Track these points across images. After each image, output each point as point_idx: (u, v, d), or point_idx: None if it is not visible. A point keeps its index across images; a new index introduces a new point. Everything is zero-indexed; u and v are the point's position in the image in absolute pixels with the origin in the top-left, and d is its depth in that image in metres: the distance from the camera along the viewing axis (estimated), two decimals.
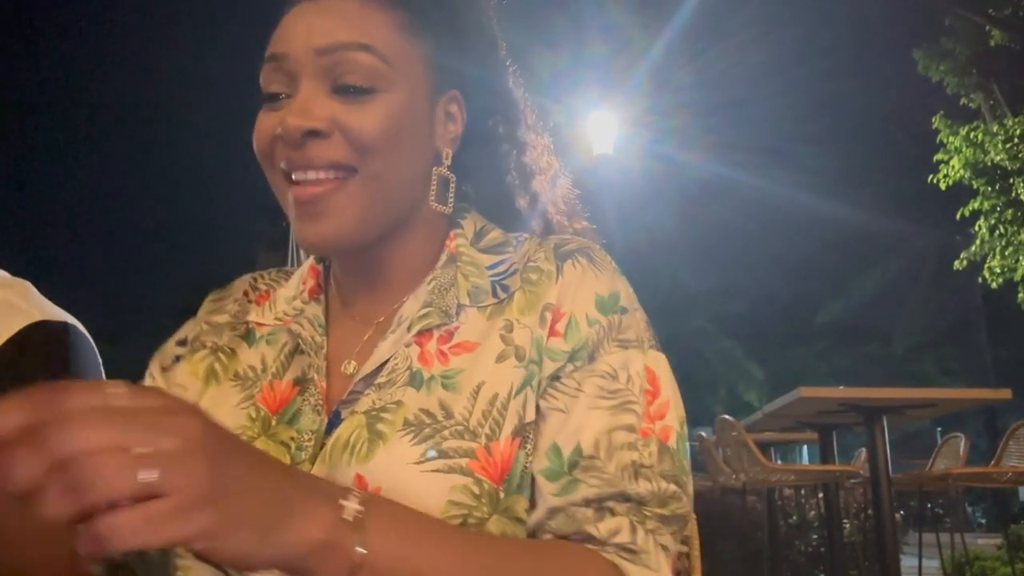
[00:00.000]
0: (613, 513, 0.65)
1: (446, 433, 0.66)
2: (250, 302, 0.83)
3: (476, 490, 0.64)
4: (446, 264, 0.76)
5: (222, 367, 0.78)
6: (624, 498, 0.65)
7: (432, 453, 0.65)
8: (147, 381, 0.80)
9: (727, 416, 4.06)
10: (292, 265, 1.21)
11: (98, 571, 0.70)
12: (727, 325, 18.60)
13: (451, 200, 0.76)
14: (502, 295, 0.73)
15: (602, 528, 0.64)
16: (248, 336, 0.80)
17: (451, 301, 0.73)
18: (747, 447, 3.78)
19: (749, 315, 18.76)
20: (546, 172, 0.86)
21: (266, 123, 0.71)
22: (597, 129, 9.08)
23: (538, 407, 0.69)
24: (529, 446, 0.68)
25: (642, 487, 0.66)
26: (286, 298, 0.80)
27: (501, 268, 0.75)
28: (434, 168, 0.75)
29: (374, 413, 0.68)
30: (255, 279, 0.86)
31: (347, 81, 0.69)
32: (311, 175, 0.68)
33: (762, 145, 17.61)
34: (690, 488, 0.70)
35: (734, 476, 4.00)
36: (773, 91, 17.20)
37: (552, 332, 0.70)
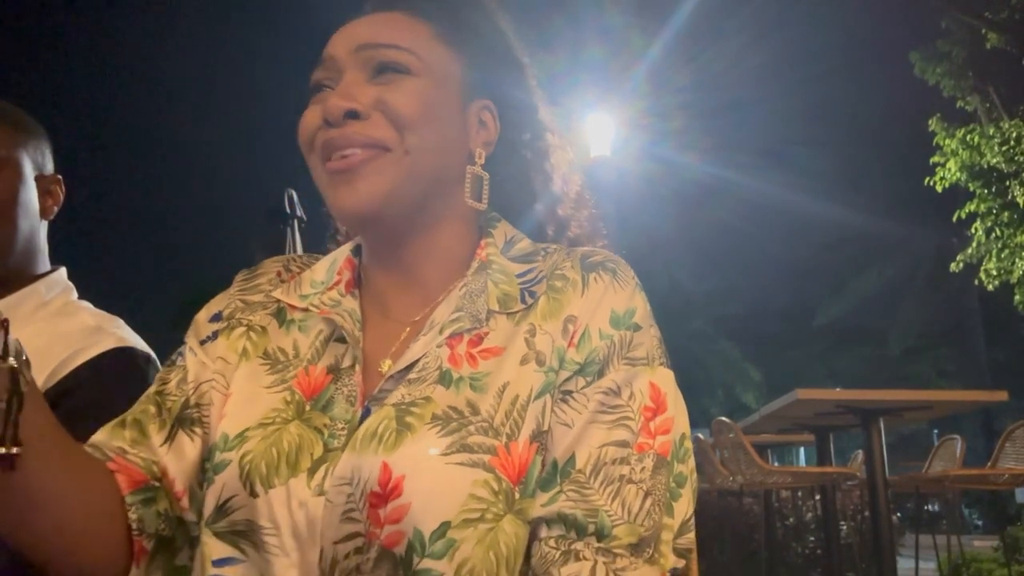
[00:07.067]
0: (579, 557, 0.67)
1: (472, 428, 0.69)
2: (283, 282, 0.86)
3: (495, 487, 0.67)
4: (477, 271, 0.80)
5: (252, 344, 0.81)
6: (597, 533, 0.68)
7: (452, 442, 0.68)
8: (187, 355, 0.82)
9: (724, 418, 4.07)
10: None
11: (151, 545, 0.73)
12: (724, 327, 18.60)
13: (486, 198, 0.81)
14: (529, 300, 0.77)
15: (564, 572, 0.67)
16: (279, 315, 0.83)
17: (481, 307, 0.76)
18: (744, 449, 3.79)
19: (746, 317, 18.77)
20: (570, 187, 0.91)
21: (310, 114, 0.78)
22: (595, 131, 9.07)
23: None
24: (544, 454, 0.71)
25: (615, 509, 0.68)
26: (313, 282, 0.83)
27: (530, 276, 0.79)
28: (468, 167, 0.81)
29: (403, 407, 0.71)
30: (289, 261, 0.89)
31: (385, 63, 0.77)
32: (348, 152, 0.75)
33: (760, 147, 17.65)
34: (686, 500, 0.73)
35: (731, 478, 4.00)
36: (771, 93, 17.25)
37: (569, 343, 0.74)
